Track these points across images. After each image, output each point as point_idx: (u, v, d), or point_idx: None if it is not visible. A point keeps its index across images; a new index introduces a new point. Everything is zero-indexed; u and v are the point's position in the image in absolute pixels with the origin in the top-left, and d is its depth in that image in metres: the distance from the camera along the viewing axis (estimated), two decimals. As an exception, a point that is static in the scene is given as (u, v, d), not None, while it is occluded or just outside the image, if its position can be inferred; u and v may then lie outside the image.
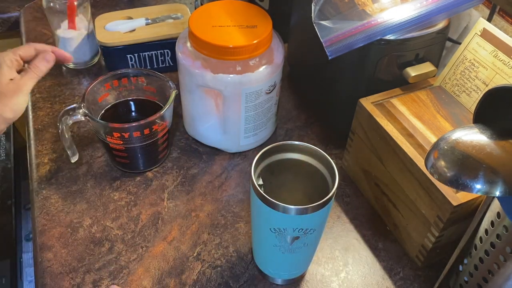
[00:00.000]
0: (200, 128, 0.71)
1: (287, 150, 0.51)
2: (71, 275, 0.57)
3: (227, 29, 0.62)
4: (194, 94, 0.67)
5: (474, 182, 0.40)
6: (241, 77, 0.62)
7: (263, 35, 0.61)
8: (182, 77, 0.67)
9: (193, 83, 0.65)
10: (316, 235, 0.50)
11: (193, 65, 0.63)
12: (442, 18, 0.62)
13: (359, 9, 0.60)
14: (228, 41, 0.60)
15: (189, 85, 0.66)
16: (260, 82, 0.63)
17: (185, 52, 0.64)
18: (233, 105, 0.65)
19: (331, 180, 0.50)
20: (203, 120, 0.70)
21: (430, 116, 0.60)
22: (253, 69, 0.62)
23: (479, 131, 0.44)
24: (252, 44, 0.60)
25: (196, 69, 0.63)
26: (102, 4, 1.01)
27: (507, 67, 0.56)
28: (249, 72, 0.62)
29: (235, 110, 0.66)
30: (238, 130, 0.69)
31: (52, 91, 0.81)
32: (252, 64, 0.63)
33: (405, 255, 0.61)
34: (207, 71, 0.62)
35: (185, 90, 0.68)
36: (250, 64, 0.62)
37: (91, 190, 0.66)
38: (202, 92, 0.66)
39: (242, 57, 0.61)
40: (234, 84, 0.62)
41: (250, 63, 0.62)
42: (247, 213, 0.65)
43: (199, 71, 0.62)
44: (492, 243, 0.47)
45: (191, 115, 0.71)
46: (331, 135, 0.76)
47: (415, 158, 0.54)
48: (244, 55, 0.61)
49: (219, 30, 0.61)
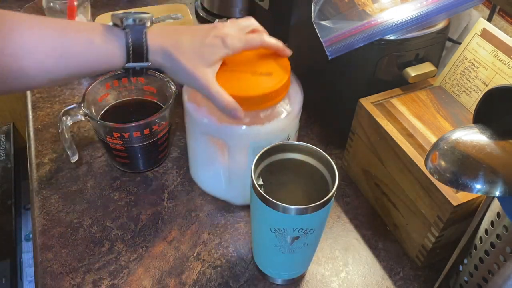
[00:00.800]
0: (203, 175, 0.66)
1: (287, 150, 0.51)
2: (71, 275, 0.57)
3: (238, 75, 0.55)
4: (198, 140, 0.61)
5: (474, 182, 0.40)
6: (249, 129, 0.55)
7: (277, 85, 0.54)
8: (187, 121, 0.61)
9: (197, 129, 0.60)
10: (316, 235, 0.50)
11: (197, 111, 0.57)
12: (442, 18, 0.62)
13: (359, 9, 0.60)
14: (236, 90, 0.52)
15: (193, 130, 0.61)
16: (270, 136, 0.56)
17: (191, 95, 0.59)
18: (239, 157, 0.59)
19: (331, 180, 0.50)
20: (206, 168, 0.64)
21: (430, 116, 0.60)
22: (263, 121, 0.55)
23: (479, 131, 0.44)
24: (262, 95, 0.53)
25: (201, 115, 0.57)
26: (102, 4, 1.01)
27: (507, 67, 0.56)
28: (258, 125, 0.55)
29: (241, 162, 0.59)
30: (244, 183, 0.58)
31: (52, 91, 0.81)
32: (262, 116, 0.56)
33: (405, 255, 0.61)
34: (212, 118, 0.56)
35: (190, 134, 0.63)
36: (261, 116, 0.56)
37: (91, 190, 0.66)
38: (207, 139, 0.60)
39: (250, 108, 0.54)
40: (240, 136, 0.56)
41: (261, 115, 0.56)
42: (247, 213, 0.65)
43: (204, 118, 0.56)
44: (492, 243, 0.47)
45: (195, 160, 0.66)
46: (331, 135, 0.76)
47: (415, 158, 0.54)
48: (253, 106, 0.54)
49: (229, 76, 0.54)
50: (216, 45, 0.51)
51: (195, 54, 0.51)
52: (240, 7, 0.94)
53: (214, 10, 0.97)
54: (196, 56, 0.51)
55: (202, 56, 0.51)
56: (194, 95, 0.58)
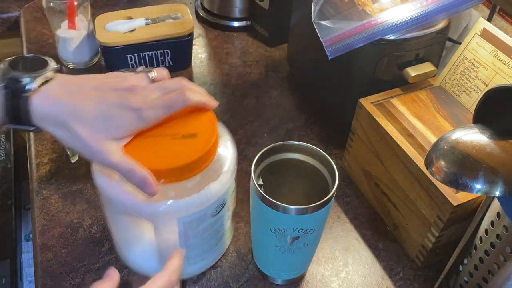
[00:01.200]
0: (130, 255, 0.55)
1: (287, 150, 0.51)
2: (71, 275, 0.57)
3: (155, 141, 0.44)
4: (117, 219, 0.52)
5: (474, 182, 0.40)
6: (175, 204, 0.45)
7: (204, 149, 0.44)
8: (101, 197, 0.50)
9: (113, 208, 0.49)
10: (316, 235, 0.50)
11: (110, 187, 0.45)
12: (442, 18, 0.62)
13: (359, 9, 0.60)
14: (153, 160, 0.43)
15: (108, 208, 0.51)
16: (201, 207, 0.47)
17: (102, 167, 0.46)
18: (167, 235, 0.49)
19: (331, 180, 0.50)
20: (132, 246, 0.55)
21: (430, 116, 0.60)
22: (191, 192, 0.46)
23: (479, 131, 0.44)
24: (185, 164, 0.43)
25: (115, 192, 0.45)
26: (102, 4, 1.01)
27: (507, 67, 0.56)
28: (185, 198, 0.45)
29: (171, 240, 0.50)
30: None
31: (52, 91, 0.81)
32: (190, 186, 0.46)
33: (405, 255, 0.61)
34: (129, 195, 0.45)
35: (106, 211, 0.53)
36: (188, 186, 0.46)
37: (91, 190, 0.66)
38: (127, 218, 0.51)
39: (173, 180, 0.44)
40: (165, 214, 0.46)
41: (188, 185, 0.46)
42: (247, 213, 0.65)
43: (118, 195, 0.45)
44: (492, 243, 0.47)
45: (118, 238, 0.55)
46: (331, 135, 0.76)
47: (415, 158, 0.54)
48: (176, 178, 0.44)
49: (143, 143, 0.44)
50: (127, 118, 0.42)
51: (98, 125, 0.42)
52: (240, 7, 0.95)
53: (214, 10, 0.97)
54: (100, 127, 0.42)
55: (107, 129, 0.42)
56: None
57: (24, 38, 0.93)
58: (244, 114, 0.79)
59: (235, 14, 0.96)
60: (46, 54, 0.87)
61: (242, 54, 0.92)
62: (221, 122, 0.49)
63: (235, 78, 0.87)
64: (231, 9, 0.95)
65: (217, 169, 0.48)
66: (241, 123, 0.78)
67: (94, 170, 0.47)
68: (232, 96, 0.83)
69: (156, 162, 0.43)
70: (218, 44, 0.94)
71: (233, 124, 0.77)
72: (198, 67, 0.89)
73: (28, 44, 0.90)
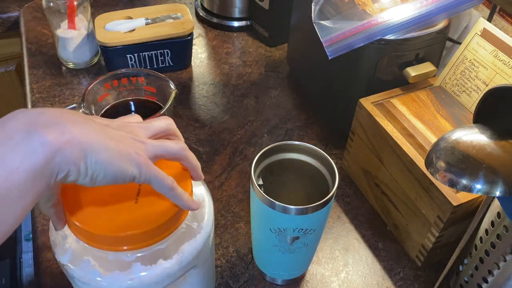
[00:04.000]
0: None
1: (287, 150, 0.51)
2: (71, 275, 0.57)
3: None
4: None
5: (474, 182, 0.40)
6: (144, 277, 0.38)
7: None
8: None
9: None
10: (316, 235, 0.50)
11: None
12: (442, 18, 0.62)
13: (359, 9, 0.60)
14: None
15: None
16: (170, 280, 0.39)
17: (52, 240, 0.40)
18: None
19: (331, 180, 0.50)
20: None
21: (430, 116, 0.60)
22: (157, 258, 0.38)
23: (479, 131, 0.44)
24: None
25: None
26: (102, 4, 1.01)
27: (507, 67, 0.56)
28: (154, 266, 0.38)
29: None
30: None
31: (52, 91, 0.81)
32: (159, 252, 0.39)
33: (405, 255, 0.61)
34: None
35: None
36: (155, 250, 0.38)
37: (91, 190, 0.66)
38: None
39: (138, 246, 0.37)
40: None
41: (154, 248, 0.38)
42: (247, 213, 0.65)
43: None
44: (492, 243, 0.47)
45: None
46: (331, 135, 0.76)
47: (415, 158, 0.54)
48: (144, 242, 0.37)
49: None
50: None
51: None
52: (240, 7, 0.95)
53: (214, 10, 0.97)
54: None
55: None
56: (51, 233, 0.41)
57: (24, 38, 0.93)
58: (244, 114, 0.79)
59: (235, 14, 0.96)
60: (46, 54, 0.88)
61: (242, 54, 0.92)
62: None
63: (235, 78, 0.87)
64: (231, 9, 0.95)
65: (191, 228, 0.41)
66: (241, 123, 0.78)
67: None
68: (232, 96, 0.83)
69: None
70: (218, 44, 0.94)
71: (232, 124, 0.77)
72: (198, 67, 0.89)
73: (28, 44, 0.90)
